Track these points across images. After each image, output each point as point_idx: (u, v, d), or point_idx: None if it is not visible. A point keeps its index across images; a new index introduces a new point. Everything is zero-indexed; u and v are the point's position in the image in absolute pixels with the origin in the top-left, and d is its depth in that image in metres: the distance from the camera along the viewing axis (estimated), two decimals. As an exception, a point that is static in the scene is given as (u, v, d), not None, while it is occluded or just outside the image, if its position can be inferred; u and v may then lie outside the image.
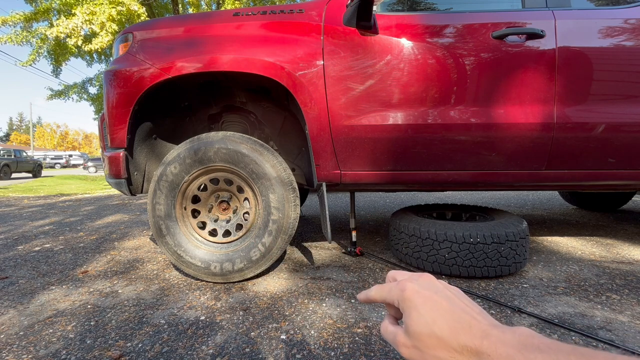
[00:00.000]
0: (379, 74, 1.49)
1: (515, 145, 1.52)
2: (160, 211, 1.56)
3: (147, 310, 1.34)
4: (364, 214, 3.42)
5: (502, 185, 1.65)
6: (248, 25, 1.56)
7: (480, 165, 1.57)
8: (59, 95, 8.77)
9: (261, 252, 1.54)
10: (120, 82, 1.56)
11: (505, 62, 1.47)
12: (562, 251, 2.04)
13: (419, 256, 1.66)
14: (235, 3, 7.03)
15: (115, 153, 1.59)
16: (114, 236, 2.62)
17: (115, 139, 1.58)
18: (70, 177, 13.44)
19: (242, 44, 1.51)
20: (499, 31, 1.46)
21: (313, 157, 1.58)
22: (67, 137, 70.67)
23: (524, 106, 1.49)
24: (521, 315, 1.26)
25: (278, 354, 1.04)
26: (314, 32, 1.52)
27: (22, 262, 1.99)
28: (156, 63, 1.53)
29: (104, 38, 5.72)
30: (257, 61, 1.48)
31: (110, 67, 1.62)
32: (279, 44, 1.51)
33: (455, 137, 1.52)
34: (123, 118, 1.55)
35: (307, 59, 1.50)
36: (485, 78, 1.48)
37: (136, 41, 1.60)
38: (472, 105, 1.50)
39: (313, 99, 1.50)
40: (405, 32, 1.50)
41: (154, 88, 1.55)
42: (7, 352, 1.08)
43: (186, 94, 1.78)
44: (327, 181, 1.62)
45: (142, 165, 1.75)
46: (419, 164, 1.57)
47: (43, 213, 3.85)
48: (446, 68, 1.48)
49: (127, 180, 1.62)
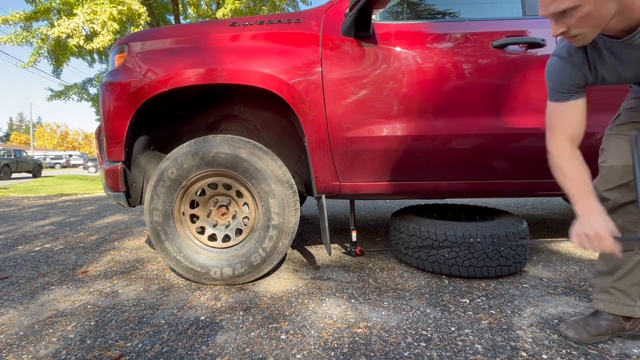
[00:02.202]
0: (378, 85, 1.48)
1: (516, 155, 1.52)
2: (158, 217, 1.54)
3: (147, 310, 1.34)
4: (364, 214, 3.42)
5: (503, 194, 1.65)
6: (245, 36, 1.54)
7: (480, 175, 1.57)
8: (60, 95, 8.75)
9: (262, 257, 1.53)
10: (116, 95, 1.53)
11: (506, 71, 1.46)
12: (562, 251, 2.04)
13: (419, 256, 1.66)
14: (236, 2, 7.04)
15: (113, 166, 1.56)
16: (114, 236, 2.62)
17: (113, 152, 1.56)
18: (70, 177, 13.45)
19: (239, 56, 1.49)
20: (499, 40, 1.45)
21: (312, 169, 1.56)
22: (67, 137, 70.64)
23: (525, 116, 1.48)
24: (521, 315, 1.26)
25: (278, 354, 1.04)
26: (312, 43, 1.50)
27: (22, 262, 1.99)
28: (153, 75, 1.50)
29: (105, 37, 5.72)
30: (254, 73, 1.46)
31: (106, 79, 1.59)
32: (277, 55, 1.49)
33: (455, 147, 1.51)
34: (120, 131, 1.53)
35: (306, 71, 1.48)
36: (485, 88, 1.47)
37: (132, 52, 1.57)
38: (471, 115, 1.49)
39: (312, 111, 1.48)
40: (404, 42, 1.48)
41: (151, 100, 1.53)
42: (7, 352, 1.08)
43: (184, 103, 1.76)
44: (327, 193, 1.61)
45: (141, 177, 1.72)
46: (418, 174, 1.57)
47: (43, 213, 3.85)
48: (446, 78, 1.47)
49: (125, 193, 1.60)
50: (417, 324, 1.20)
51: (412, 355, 1.02)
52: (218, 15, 7.36)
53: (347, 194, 1.63)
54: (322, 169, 1.56)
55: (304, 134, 1.52)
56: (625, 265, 1.04)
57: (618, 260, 1.04)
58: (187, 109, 1.82)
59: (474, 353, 1.03)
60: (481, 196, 1.75)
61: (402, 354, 1.03)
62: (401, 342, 1.09)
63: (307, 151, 1.56)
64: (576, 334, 1.08)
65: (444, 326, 1.19)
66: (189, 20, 9.33)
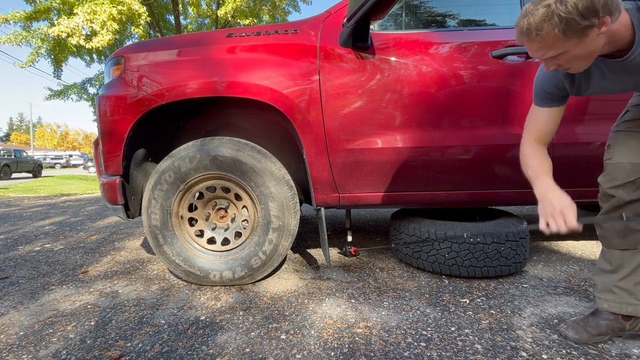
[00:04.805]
0: (377, 96, 1.46)
1: (515, 165, 1.51)
2: (156, 220, 1.53)
3: (147, 311, 1.34)
4: (364, 214, 3.42)
5: (502, 203, 1.65)
6: (242, 48, 1.52)
7: (479, 185, 1.57)
8: (58, 95, 8.76)
9: (262, 260, 1.52)
10: (113, 108, 1.51)
11: (505, 82, 1.45)
12: (562, 251, 2.04)
13: (419, 256, 1.66)
14: (236, 2, 7.04)
15: (112, 180, 1.55)
16: (114, 236, 2.62)
17: (111, 166, 1.54)
18: (71, 177, 13.45)
19: (236, 68, 1.47)
20: (498, 51, 1.44)
21: (311, 181, 1.55)
22: (67, 137, 70.64)
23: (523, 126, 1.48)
24: (521, 315, 1.26)
25: (278, 354, 1.04)
26: (310, 54, 1.48)
27: (22, 262, 1.99)
28: (149, 89, 1.48)
29: (105, 37, 5.72)
30: (252, 86, 1.45)
31: (103, 92, 1.57)
32: (274, 67, 1.47)
33: (454, 157, 1.50)
34: (118, 145, 1.51)
35: (303, 83, 1.46)
36: (484, 99, 1.47)
37: (128, 65, 1.55)
38: (471, 126, 1.49)
39: (310, 123, 1.47)
40: (403, 53, 1.47)
41: (148, 113, 1.52)
42: (7, 352, 1.08)
43: (181, 114, 1.75)
44: (326, 204, 1.60)
45: (139, 188, 1.71)
46: (418, 185, 1.57)
47: (44, 213, 3.85)
48: (444, 88, 1.46)
49: (124, 205, 1.59)
50: (417, 324, 1.21)
51: (412, 355, 1.02)
52: (219, 14, 7.36)
53: (347, 205, 1.62)
54: (320, 181, 1.55)
55: (302, 146, 1.51)
56: (629, 264, 1.04)
57: (622, 259, 1.04)
58: (185, 120, 1.81)
59: (474, 353, 1.03)
60: (480, 205, 1.76)
61: (402, 354, 1.03)
62: (401, 342, 1.09)
63: (305, 163, 1.55)
64: (576, 334, 1.08)
65: (444, 326, 1.19)
66: (189, 20, 9.33)
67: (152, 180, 1.52)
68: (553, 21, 0.72)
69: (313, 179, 1.55)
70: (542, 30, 0.74)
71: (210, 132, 1.90)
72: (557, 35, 0.74)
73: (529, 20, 0.75)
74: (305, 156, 1.52)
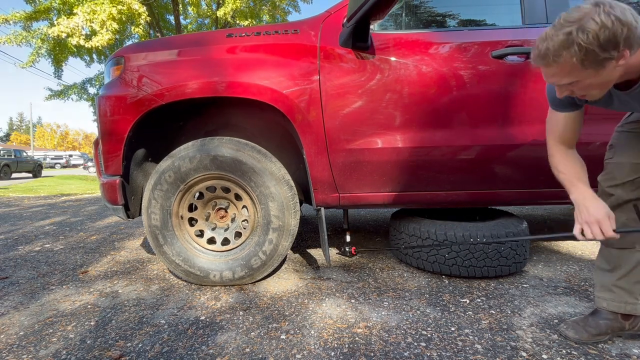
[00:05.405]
0: (377, 96, 1.46)
1: (516, 165, 1.51)
2: (156, 220, 1.52)
3: (147, 311, 1.34)
4: (364, 213, 3.42)
5: (503, 203, 1.65)
6: (242, 48, 1.52)
7: (479, 185, 1.56)
8: (59, 95, 8.76)
9: (262, 260, 1.52)
10: (113, 108, 1.51)
11: (505, 82, 1.45)
12: (562, 251, 2.04)
13: (419, 256, 1.66)
14: (236, 2, 7.03)
15: (112, 180, 1.55)
16: (114, 236, 2.62)
17: (111, 166, 1.54)
18: (71, 177, 13.45)
19: (236, 68, 1.47)
20: (499, 51, 1.43)
21: (311, 182, 1.55)
22: (67, 137, 70.64)
23: (524, 126, 1.47)
24: (521, 315, 1.26)
25: (278, 354, 1.04)
26: (310, 54, 1.48)
27: (22, 262, 1.99)
28: (149, 88, 1.48)
29: (104, 36, 5.72)
30: (252, 86, 1.45)
31: (103, 92, 1.57)
32: (274, 67, 1.47)
33: (454, 157, 1.50)
34: (118, 145, 1.51)
35: (303, 83, 1.46)
36: (484, 98, 1.46)
37: (128, 65, 1.55)
38: (471, 126, 1.48)
39: (310, 123, 1.47)
40: (403, 52, 1.46)
41: (148, 113, 1.52)
42: (7, 352, 1.08)
43: (181, 114, 1.75)
44: (326, 204, 1.60)
45: (139, 188, 1.71)
46: (418, 185, 1.56)
47: (44, 213, 3.85)
48: (444, 88, 1.45)
49: (124, 205, 1.59)
50: (417, 324, 1.21)
51: (412, 355, 1.02)
52: (219, 14, 7.36)
53: (346, 205, 1.62)
54: (321, 182, 1.55)
55: (302, 146, 1.51)
56: (627, 263, 1.04)
57: (620, 259, 1.05)
58: (184, 119, 1.80)
59: (474, 353, 1.03)
60: (481, 205, 1.76)
61: (402, 353, 1.03)
62: (401, 342, 1.10)
63: (305, 164, 1.54)
64: (576, 334, 1.08)
65: (444, 326, 1.19)
66: (189, 20, 9.33)
67: (152, 180, 1.52)
68: (572, 49, 0.71)
69: (313, 179, 1.55)
70: (560, 57, 0.73)
71: (210, 132, 1.89)
72: (575, 64, 0.73)
73: (547, 45, 0.74)
74: (305, 156, 1.52)
